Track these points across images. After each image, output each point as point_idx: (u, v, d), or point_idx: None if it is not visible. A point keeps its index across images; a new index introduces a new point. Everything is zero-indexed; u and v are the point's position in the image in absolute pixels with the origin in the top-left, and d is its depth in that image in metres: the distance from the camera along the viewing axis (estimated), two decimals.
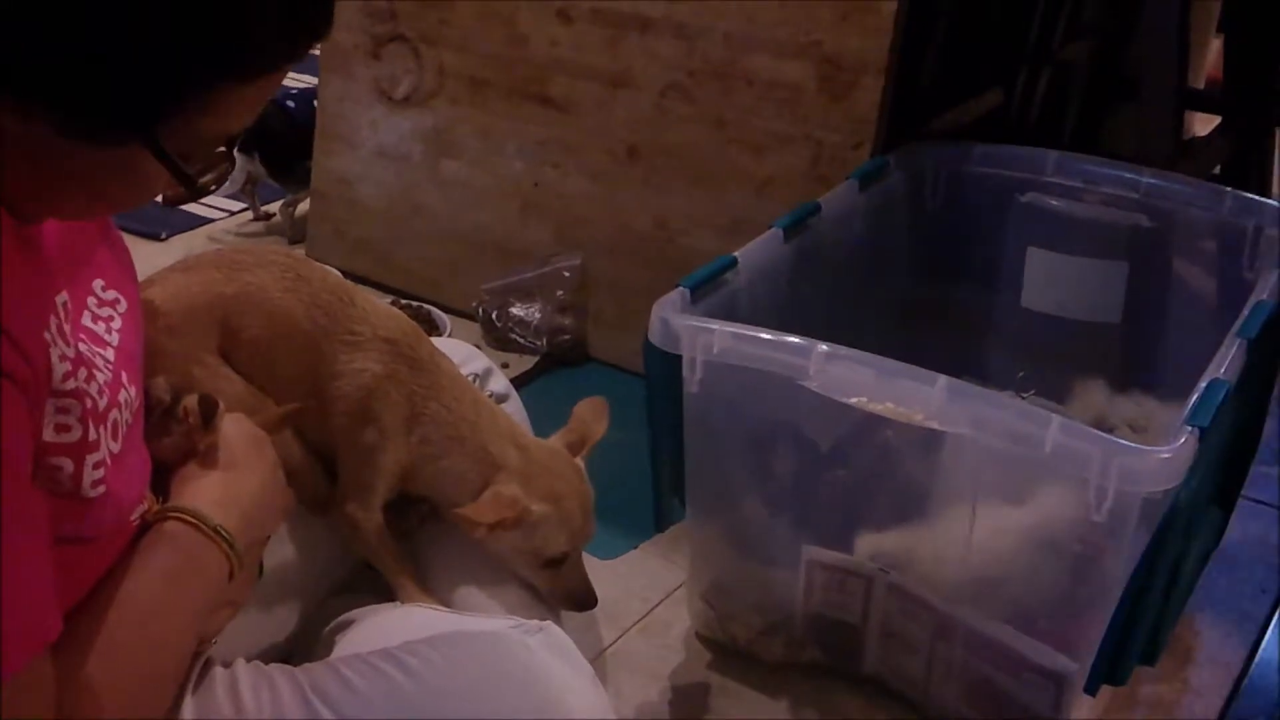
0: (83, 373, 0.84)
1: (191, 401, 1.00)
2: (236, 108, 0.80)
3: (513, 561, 1.27)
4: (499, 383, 1.46)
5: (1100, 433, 1.26)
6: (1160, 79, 2.19)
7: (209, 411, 1.00)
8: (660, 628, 1.67)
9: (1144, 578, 1.29)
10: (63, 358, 0.82)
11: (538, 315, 2.29)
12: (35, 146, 0.77)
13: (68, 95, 0.74)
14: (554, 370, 2.27)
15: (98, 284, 0.95)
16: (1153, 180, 1.87)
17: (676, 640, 1.65)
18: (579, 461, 1.32)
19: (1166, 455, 1.22)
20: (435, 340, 1.35)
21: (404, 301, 2.35)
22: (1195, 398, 1.32)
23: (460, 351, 1.44)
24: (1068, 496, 1.29)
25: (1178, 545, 1.30)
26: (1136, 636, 1.33)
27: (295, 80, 2.77)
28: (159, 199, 0.86)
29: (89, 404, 0.84)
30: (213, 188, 0.85)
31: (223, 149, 0.84)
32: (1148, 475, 1.22)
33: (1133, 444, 1.24)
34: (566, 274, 2.27)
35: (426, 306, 2.34)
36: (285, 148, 2.58)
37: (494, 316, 2.32)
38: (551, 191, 2.29)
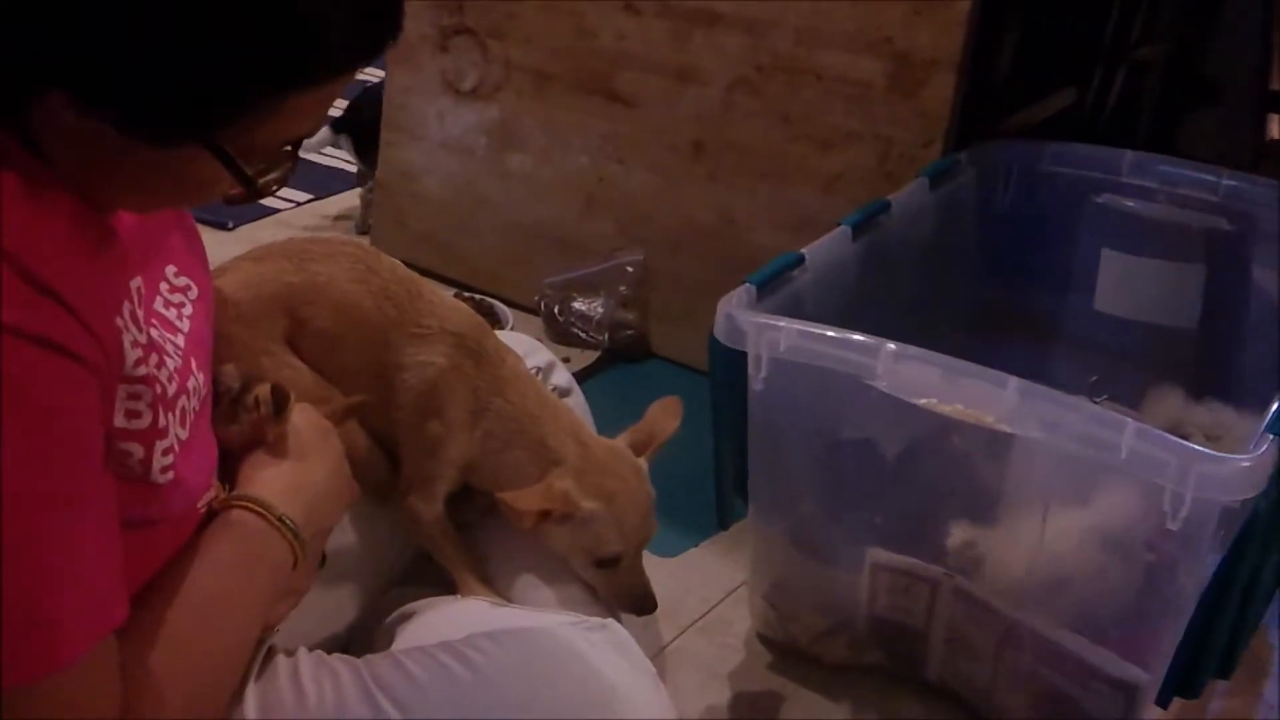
0: (154, 359, 0.85)
1: (264, 391, 1.00)
2: (302, 112, 0.79)
3: (568, 559, 1.26)
4: (562, 376, 1.46)
5: (1178, 439, 1.23)
6: (1241, 80, 2.14)
7: (281, 402, 1.00)
8: (721, 626, 1.66)
9: (1220, 588, 1.26)
10: (135, 343, 0.82)
11: (600, 310, 2.28)
12: (96, 142, 0.76)
13: (130, 97, 0.74)
14: (616, 366, 2.26)
15: (170, 270, 0.95)
16: (1231, 182, 1.83)
17: (737, 640, 1.64)
18: (642, 462, 1.31)
19: (1247, 464, 1.19)
20: (497, 334, 1.35)
21: (466, 294, 2.36)
22: (1277, 404, 1.29)
23: (523, 345, 1.43)
24: (1138, 502, 1.26)
25: (1256, 556, 1.27)
26: (1211, 648, 1.30)
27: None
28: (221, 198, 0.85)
29: (159, 390, 0.84)
30: (275, 188, 0.84)
31: (289, 147, 0.83)
32: (1227, 484, 1.19)
33: (1211, 451, 1.21)
34: (629, 269, 2.27)
35: (489, 300, 2.34)
36: (376, 131, 2.56)
37: (556, 311, 2.32)
38: (615, 186, 2.28)
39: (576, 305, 2.29)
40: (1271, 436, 1.22)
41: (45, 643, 0.74)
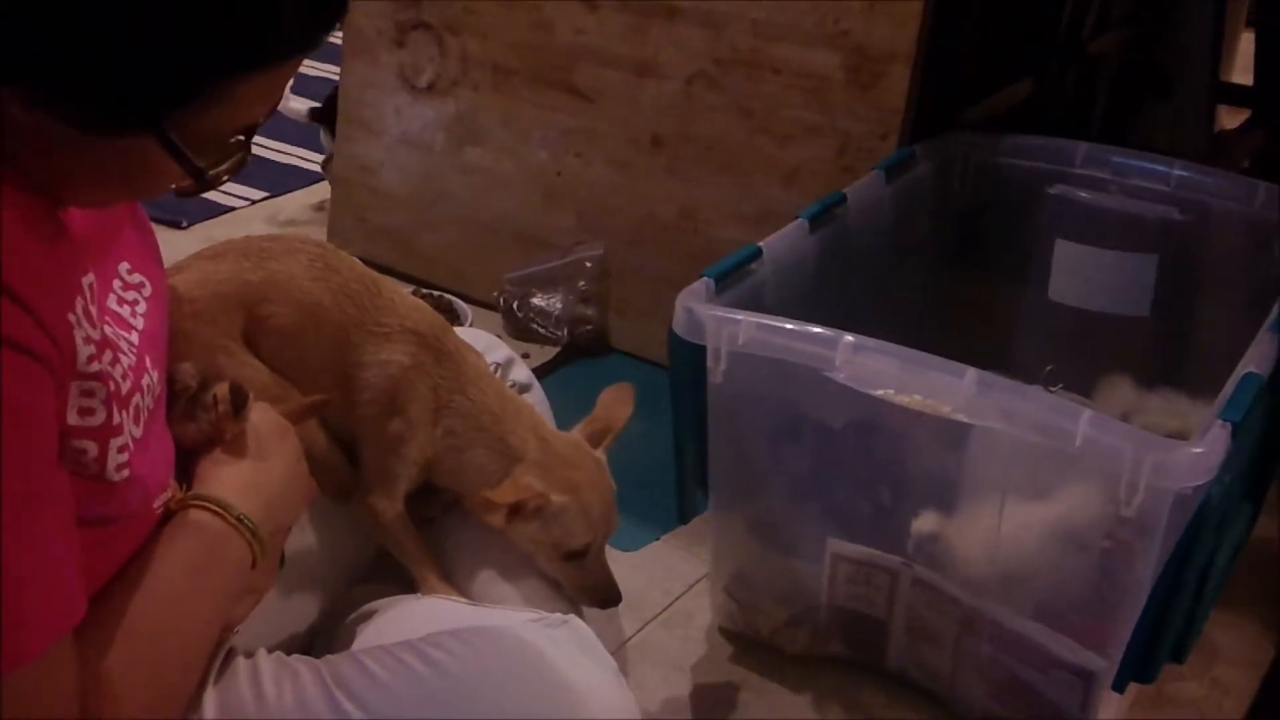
0: (107, 355, 0.84)
1: (223, 390, 0.99)
2: (250, 98, 0.78)
3: (534, 554, 1.26)
4: (521, 372, 1.45)
5: (1132, 427, 1.24)
6: (1194, 72, 2.17)
7: (240, 400, 0.99)
8: (682, 619, 1.66)
9: (1174, 575, 1.27)
10: (87, 340, 0.82)
11: (559, 305, 2.28)
12: (45, 137, 0.76)
13: (75, 89, 0.73)
14: (576, 361, 2.26)
15: (123, 267, 0.94)
16: (1184, 173, 1.85)
17: (699, 632, 1.64)
18: (601, 454, 1.31)
19: (1199, 450, 1.20)
20: (456, 330, 1.35)
21: (425, 291, 2.35)
22: (1228, 392, 1.31)
23: (482, 341, 1.43)
24: (1094, 491, 1.27)
25: (1209, 542, 1.28)
26: (1166, 634, 1.31)
27: None
28: (172, 190, 0.84)
29: (113, 387, 0.84)
30: (224, 179, 0.83)
31: (239, 138, 0.82)
32: (1180, 471, 1.20)
33: (1165, 439, 1.23)
34: (589, 264, 2.26)
35: (448, 296, 2.33)
36: None
37: (515, 306, 2.31)
38: (575, 180, 2.28)
39: (536, 301, 2.29)
40: (1223, 423, 1.23)
41: (7, 640, 0.73)
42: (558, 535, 1.24)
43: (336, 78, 2.65)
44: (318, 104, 2.62)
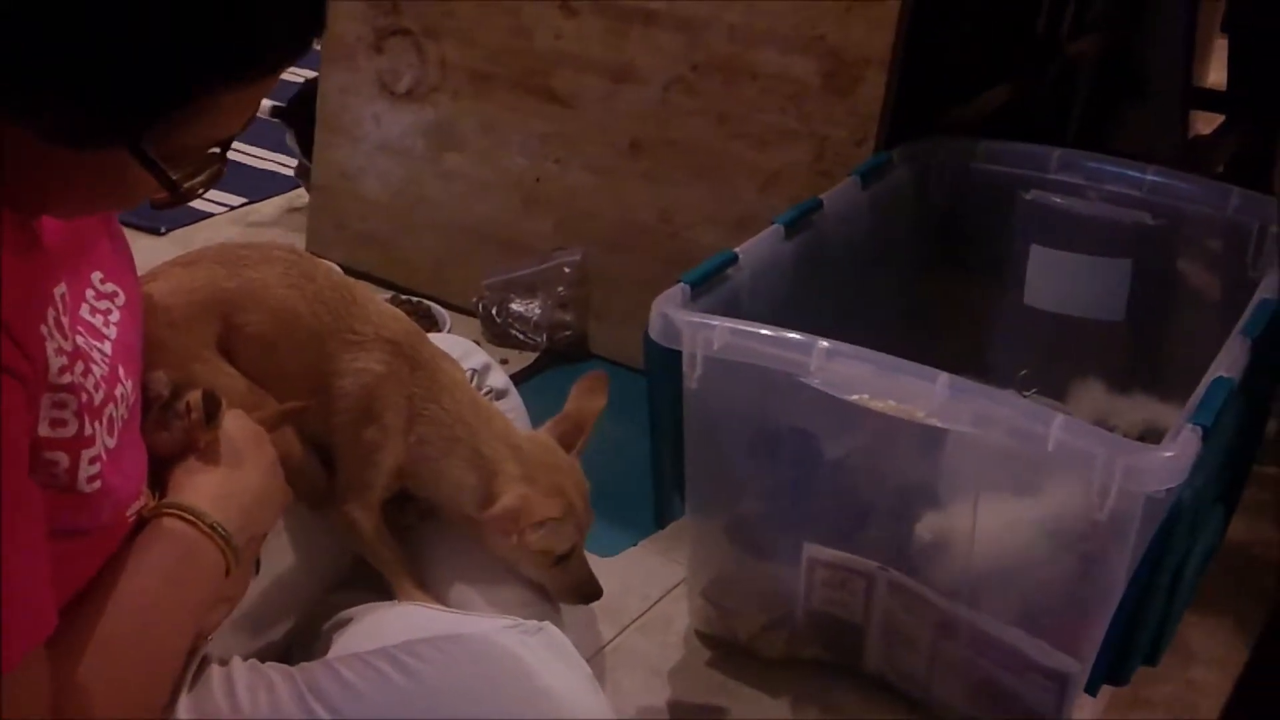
0: (79, 367, 0.84)
1: (195, 397, 0.99)
2: (228, 112, 0.78)
3: (522, 563, 1.26)
4: (498, 378, 1.45)
5: (1104, 431, 1.25)
6: (1168, 77, 2.18)
7: (212, 408, 0.99)
8: (660, 625, 1.67)
9: (1147, 578, 1.28)
10: (59, 351, 0.82)
11: (538, 311, 2.28)
12: (19, 149, 0.75)
13: (51, 104, 0.73)
14: (554, 367, 2.26)
15: (96, 276, 0.94)
16: (1157, 178, 1.87)
17: (676, 637, 1.65)
18: (574, 456, 1.31)
19: (1170, 454, 1.21)
20: (434, 336, 1.35)
21: (403, 297, 2.35)
22: (1199, 396, 1.32)
23: (459, 347, 1.43)
24: (1067, 495, 1.28)
25: (1182, 545, 1.30)
26: (1139, 636, 1.32)
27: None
28: (148, 201, 0.84)
29: (85, 398, 0.84)
30: (201, 191, 0.83)
31: (215, 150, 0.82)
32: (1151, 474, 1.21)
33: (1136, 442, 1.24)
34: (567, 269, 2.27)
35: (426, 302, 2.33)
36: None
37: (494, 312, 2.31)
38: (554, 186, 2.28)
39: (514, 306, 2.29)
40: (1194, 427, 1.24)
41: None
42: (551, 544, 1.25)
43: (302, 80, 2.65)
44: (281, 103, 2.61)
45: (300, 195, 2.78)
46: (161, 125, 0.75)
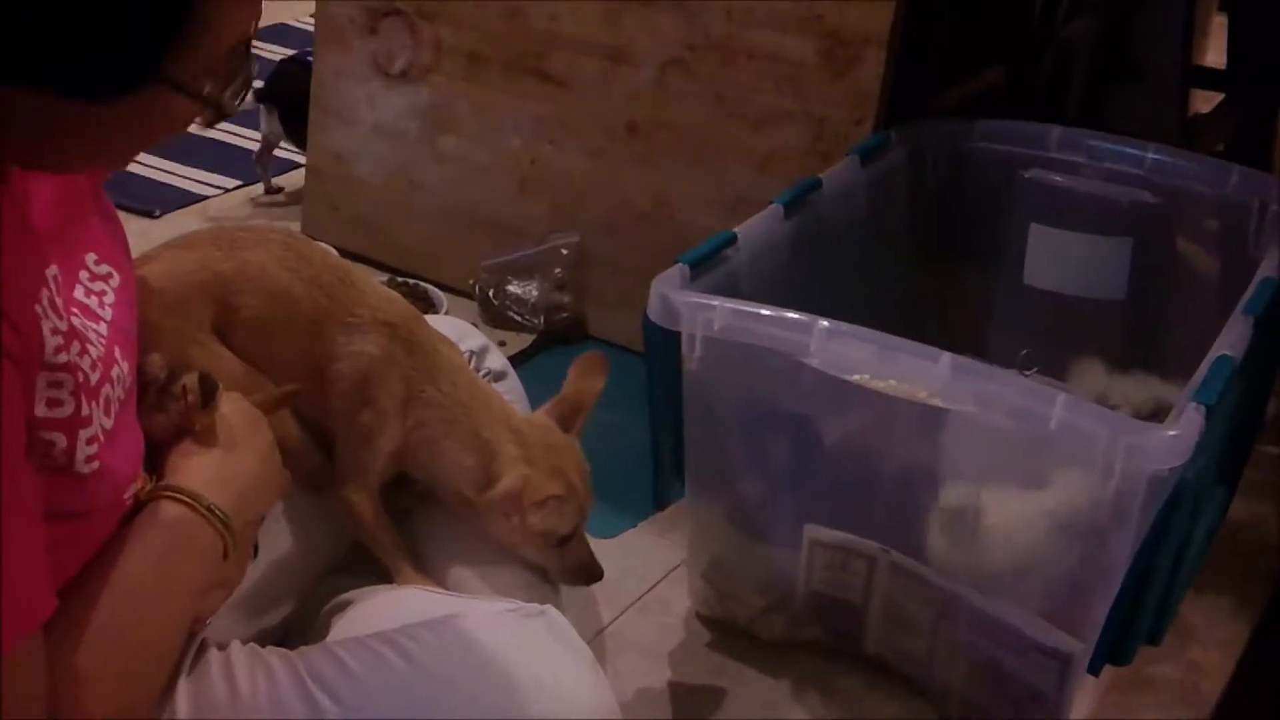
0: (75, 347, 0.83)
1: (191, 380, 0.98)
2: (233, 10, 0.78)
3: (523, 545, 1.26)
4: (496, 360, 1.45)
5: (1107, 410, 1.25)
6: (1166, 56, 2.17)
7: (209, 391, 0.99)
8: (659, 606, 1.66)
9: (1150, 557, 1.28)
10: (54, 331, 0.81)
11: (535, 293, 2.27)
12: (26, 113, 0.75)
13: (69, 57, 0.73)
14: (552, 348, 2.25)
15: (90, 257, 0.93)
16: (1157, 156, 1.86)
17: (676, 619, 1.64)
18: (573, 437, 1.31)
19: (1174, 433, 1.21)
20: (431, 318, 1.34)
21: (400, 279, 2.34)
22: (1202, 374, 1.31)
23: (457, 329, 1.43)
24: (1075, 476, 1.27)
25: (1184, 524, 1.29)
26: (1141, 616, 1.32)
27: None
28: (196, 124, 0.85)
29: (81, 378, 0.83)
30: (240, 100, 0.83)
31: (237, 54, 0.81)
32: (1155, 453, 1.21)
33: (1140, 421, 1.23)
34: (564, 251, 2.26)
35: (423, 284, 2.32)
36: (306, 104, 2.52)
37: (491, 294, 2.30)
38: (550, 168, 2.27)
39: (511, 288, 2.28)
40: (1197, 406, 1.24)
41: None
42: (554, 524, 1.24)
43: (278, 58, 2.64)
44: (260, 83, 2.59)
45: (292, 178, 2.76)
46: (176, 44, 0.75)
